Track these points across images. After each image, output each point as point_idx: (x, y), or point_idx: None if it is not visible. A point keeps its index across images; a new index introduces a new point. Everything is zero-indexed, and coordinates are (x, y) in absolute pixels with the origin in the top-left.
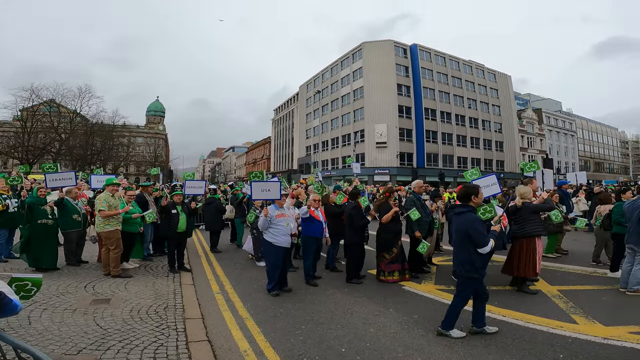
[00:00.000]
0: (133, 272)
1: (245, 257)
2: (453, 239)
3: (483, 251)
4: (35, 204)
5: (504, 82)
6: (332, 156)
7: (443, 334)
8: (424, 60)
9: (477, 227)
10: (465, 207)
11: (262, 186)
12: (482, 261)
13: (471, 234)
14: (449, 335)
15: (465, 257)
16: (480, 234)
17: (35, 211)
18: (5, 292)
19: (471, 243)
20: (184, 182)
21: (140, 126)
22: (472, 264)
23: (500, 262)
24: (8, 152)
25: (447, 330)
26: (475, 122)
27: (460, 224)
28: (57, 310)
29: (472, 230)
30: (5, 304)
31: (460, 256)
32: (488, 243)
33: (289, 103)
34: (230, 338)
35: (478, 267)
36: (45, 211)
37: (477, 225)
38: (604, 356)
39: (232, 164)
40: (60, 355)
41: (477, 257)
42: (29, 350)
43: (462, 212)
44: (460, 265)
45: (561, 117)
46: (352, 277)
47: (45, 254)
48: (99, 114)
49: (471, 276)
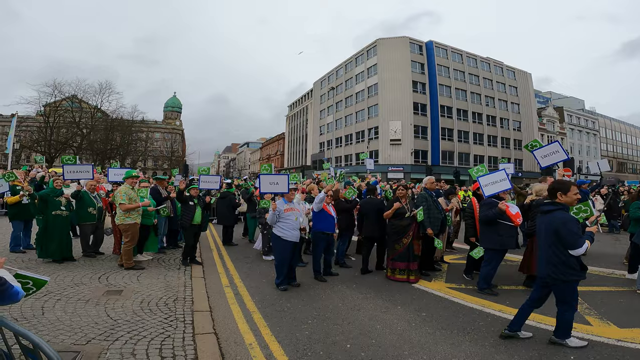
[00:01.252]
0: (146, 265)
1: (255, 251)
2: (539, 239)
3: (576, 253)
4: (50, 195)
5: (524, 80)
6: (345, 153)
7: (558, 343)
8: (440, 57)
9: (571, 227)
10: (554, 205)
11: (271, 179)
12: (577, 261)
13: (562, 234)
14: (566, 344)
15: (559, 259)
16: (573, 234)
17: (50, 202)
18: (7, 279)
19: (560, 243)
20: (199, 177)
21: (158, 122)
22: (567, 265)
23: (514, 262)
24: (31, 146)
25: (564, 339)
26: (493, 120)
27: (549, 223)
28: (70, 300)
29: (564, 230)
30: (5, 290)
31: (550, 258)
32: (582, 245)
33: (303, 99)
34: (236, 331)
35: (576, 268)
36: (60, 202)
37: (570, 224)
38: (617, 358)
39: (246, 159)
40: (69, 345)
41: (570, 257)
42: (29, 337)
43: (550, 210)
44: (552, 268)
45: (583, 115)
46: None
47: (56, 245)
48: (119, 109)
49: (570, 279)
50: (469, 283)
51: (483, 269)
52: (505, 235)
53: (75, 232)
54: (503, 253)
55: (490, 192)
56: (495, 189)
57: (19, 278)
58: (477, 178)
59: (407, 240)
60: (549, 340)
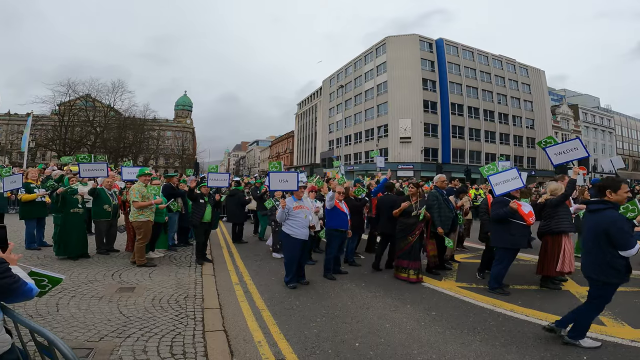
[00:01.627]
0: (157, 262)
1: (265, 249)
2: (585, 238)
3: (627, 254)
4: (68, 193)
5: (537, 78)
6: (355, 151)
7: (571, 343)
8: (451, 54)
9: (622, 227)
10: (603, 204)
11: (280, 177)
12: (625, 262)
13: (613, 233)
14: (579, 345)
15: (604, 260)
16: (625, 234)
17: (68, 200)
18: (20, 276)
19: (609, 244)
20: (207, 175)
21: (169, 120)
22: (614, 267)
23: (526, 261)
24: (46, 144)
25: (577, 340)
26: (505, 117)
27: (598, 223)
28: (84, 297)
29: (615, 229)
30: (18, 287)
31: (595, 258)
32: (634, 245)
33: (312, 97)
34: (245, 328)
35: (621, 270)
36: (77, 200)
37: (621, 224)
38: (630, 359)
39: (256, 157)
40: (82, 342)
41: (620, 259)
42: (45, 334)
43: (599, 209)
44: (597, 268)
45: (599, 113)
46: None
47: (74, 242)
48: (131, 108)
49: (613, 281)
50: (480, 282)
51: (494, 268)
52: (517, 234)
53: (90, 230)
54: (515, 252)
55: (501, 191)
56: (507, 187)
57: (34, 276)
58: (488, 177)
59: (413, 238)
60: (562, 341)
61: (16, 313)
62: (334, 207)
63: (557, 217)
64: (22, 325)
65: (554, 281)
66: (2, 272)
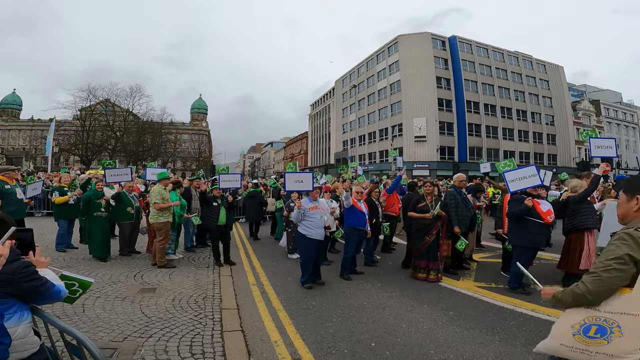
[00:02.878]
0: (177, 263)
1: (281, 250)
2: None
3: None
4: (92, 198)
5: (556, 74)
6: (369, 150)
7: None
8: (465, 52)
9: None
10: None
11: (296, 177)
12: None
13: None
14: None
15: None
16: None
17: (92, 204)
18: (49, 278)
19: None
20: (218, 176)
21: (185, 123)
22: None
23: (548, 260)
24: (69, 149)
25: None
26: (524, 114)
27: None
28: (108, 298)
29: None
30: (46, 289)
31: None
32: None
33: (325, 98)
34: (262, 328)
35: None
36: (100, 204)
37: None
38: None
39: (270, 159)
40: (107, 342)
41: None
42: (74, 334)
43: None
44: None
45: (621, 108)
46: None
47: (98, 244)
48: (149, 112)
49: None
50: (500, 282)
51: (513, 267)
52: (534, 232)
53: (114, 233)
54: (534, 251)
55: (516, 188)
56: (523, 184)
57: (64, 279)
58: (503, 173)
59: (430, 238)
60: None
61: (46, 313)
62: (352, 206)
63: (581, 214)
64: (51, 325)
65: (576, 280)
66: (30, 275)
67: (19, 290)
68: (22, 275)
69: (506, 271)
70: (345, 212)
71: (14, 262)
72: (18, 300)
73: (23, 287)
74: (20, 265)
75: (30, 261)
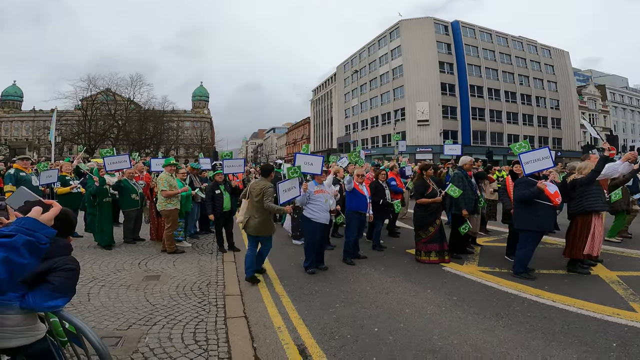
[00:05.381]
0: (187, 250)
1: (284, 235)
2: None
3: None
4: (100, 185)
5: (561, 58)
6: (372, 135)
7: None
8: (468, 37)
9: None
10: None
11: (306, 159)
12: None
13: None
14: None
15: None
16: None
17: (99, 191)
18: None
19: None
20: (222, 161)
21: (187, 111)
22: None
23: (553, 244)
24: (72, 138)
25: None
26: (528, 98)
27: None
28: (113, 286)
29: None
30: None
31: None
32: None
33: (327, 83)
34: (265, 314)
35: None
36: (108, 190)
37: None
38: None
39: (273, 144)
40: (112, 330)
41: None
42: (73, 322)
43: None
44: None
45: (628, 93)
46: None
47: (108, 232)
48: (150, 100)
49: None
50: (504, 267)
51: (518, 251)
52: (543, 215)
53: (117, 220)
54: (540, 235)
55: (532, 170)
56: (537, 166)
57: None
58: (519, 154)
59: (440, 221)
60: None
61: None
62: (353, 190)
63: (590, 196)
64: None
65: (583, 265)
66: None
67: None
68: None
69: (510, 256)
70: (347, 196)
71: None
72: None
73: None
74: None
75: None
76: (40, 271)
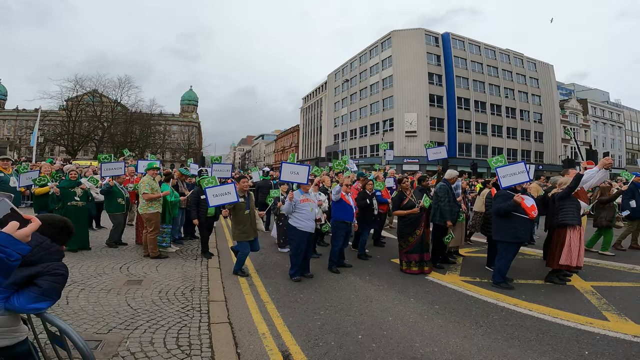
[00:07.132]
0: (171, 255)
1: (271, 242)
2: None
3: None
4: (65, 187)
5: (546, 72)
6: (360, 144)
7: None
8: (457, 48)
9: None
10: None
11: (292, 168)
12: None
13: None
14: None
15: None
16: None
17: (65, 194)
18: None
19: None
20: (211, 166)
21: (175, 115)
22: None
23: (531, 256)
24: (54, 139)
25: None
26: (513, 111)
27: None
28: (93, 290)
29: None
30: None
31: None
32: None
33: (317, 92)
34: (250, 321)
35: None
36: (75, 193)
37: None
38: (632, 354)
39: (261, 151)
40: (91, 334)
41: None
42: (56, 323)
43: None
44: None
45: (608, 107)
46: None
47: (74, 234)
48: (138, 103)
49: None
50: (484, 276)
51: (497, 262)
52: (520, 227)
53: (98, 224)
54: (517, 246)
55: (508, 184)
56: (514, 180)
57: None
58: (496, 169)
59: (420, 231)
60: None
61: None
62: (339, 200)
63: (563, 211)
64: (34, 315)
65: (560, 276)
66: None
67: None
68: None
69: (491, 266)
70: (333, 206)
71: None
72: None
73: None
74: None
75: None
76: (29, 274)
